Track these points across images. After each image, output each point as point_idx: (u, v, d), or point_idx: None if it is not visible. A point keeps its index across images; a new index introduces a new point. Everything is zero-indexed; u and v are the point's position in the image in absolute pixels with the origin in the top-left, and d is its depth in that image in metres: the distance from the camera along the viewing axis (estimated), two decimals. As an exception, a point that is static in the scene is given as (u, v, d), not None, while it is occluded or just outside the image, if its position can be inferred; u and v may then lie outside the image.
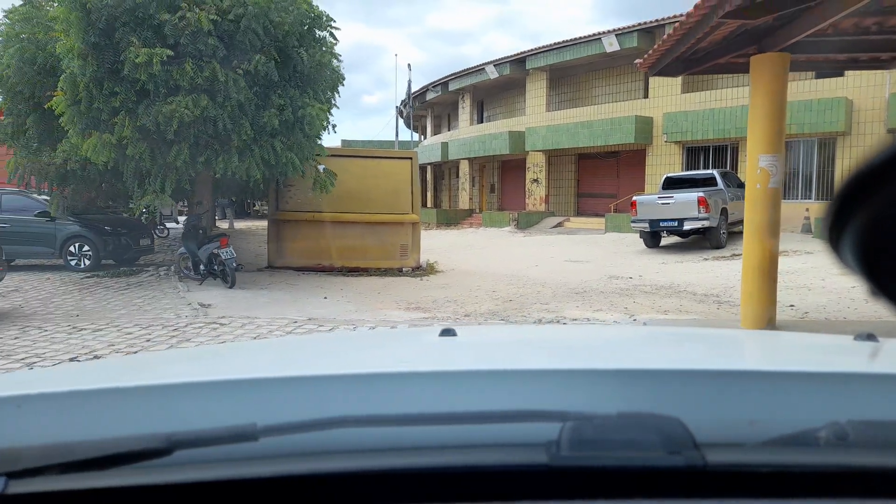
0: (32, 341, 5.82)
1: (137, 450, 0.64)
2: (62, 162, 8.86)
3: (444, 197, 34.16)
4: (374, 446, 0.68)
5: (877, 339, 1.13)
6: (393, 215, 11.98)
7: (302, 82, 9.16)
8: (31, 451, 0.66)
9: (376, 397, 0.80)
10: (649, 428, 0.66)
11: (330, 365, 1.16)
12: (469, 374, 0.87)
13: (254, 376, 0.86)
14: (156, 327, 6.49)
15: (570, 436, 0.64)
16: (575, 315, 7.26)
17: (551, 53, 23.31)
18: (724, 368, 0.92)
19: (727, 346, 1.41)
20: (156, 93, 7.94)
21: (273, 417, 0.69)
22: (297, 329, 6.50)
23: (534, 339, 1.57)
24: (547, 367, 0.94)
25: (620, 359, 1.16)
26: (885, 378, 0.88)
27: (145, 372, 1.16)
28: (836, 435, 0.68)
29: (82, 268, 11.31)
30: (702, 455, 0.62)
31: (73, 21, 7.57)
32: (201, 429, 0.67)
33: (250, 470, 0.63)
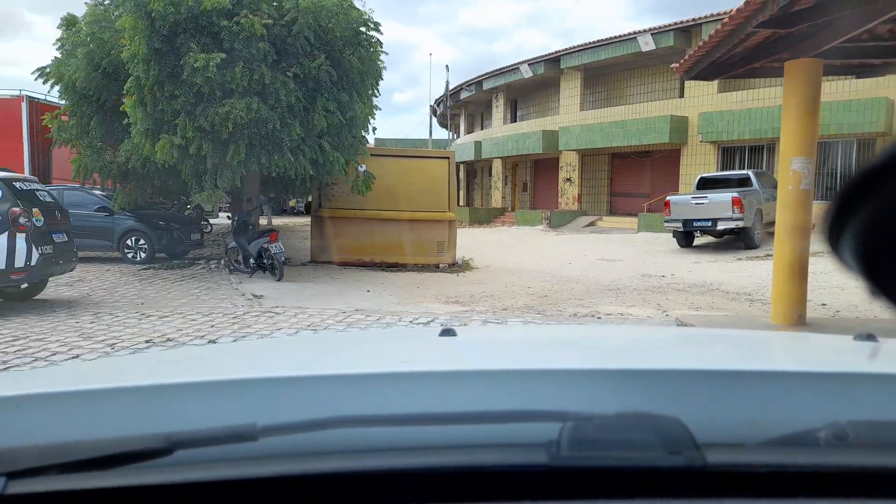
0: (107, 325, 6.35)
1: (137, 450, 0.64)
2: (124, 160, 9.44)
3: (476, 195, 34.46)
4: (374, 446, 0.68)
5: (877, 339, 1.14)
6: (430, 213, 12.36)
7: (348, 84, 9.59)
8: (30, 451, 0.66)
9: (376, 397, 0.80)
10: (649, 428, 0.66)
11: (329, 365, 1.17)
12: (469, 374, 0.88)
13: (253, 376, 0.87)
14: (216, 315, 6.98)
15: (570, 436, 0.65)
16: (609, 310, 7.53)
17: (586, 53, 23.42)
18: (725, 368, 0.92)
19: (728, 346, 1.43)
20: (212, 95, 8.46)
21: (273, 417, 0.70)
22: (347, 318, 6.92)
23: (533, 339, 1.60)
24: (546, 367, 0.94)
25: (620, 358, 1.17)
26: (886, 378, 0.87)
27: (145, 372, 1.17)
28: (837, 435, 0.68)
29: (138, 260, 11.95)
30: (702, 455, 0.62)
31: (138, 29, 8.12)
32: (201, 429, 0.67)
33: (250, 470, 0.63)
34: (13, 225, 6.62)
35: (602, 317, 7.15)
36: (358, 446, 0.68)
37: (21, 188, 7.05)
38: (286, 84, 8.63)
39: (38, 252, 6.85)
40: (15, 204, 6.70)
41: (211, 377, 0.89)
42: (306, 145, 9.22)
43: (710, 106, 19.54)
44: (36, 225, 6.89)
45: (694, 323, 6.43)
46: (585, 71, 24.35)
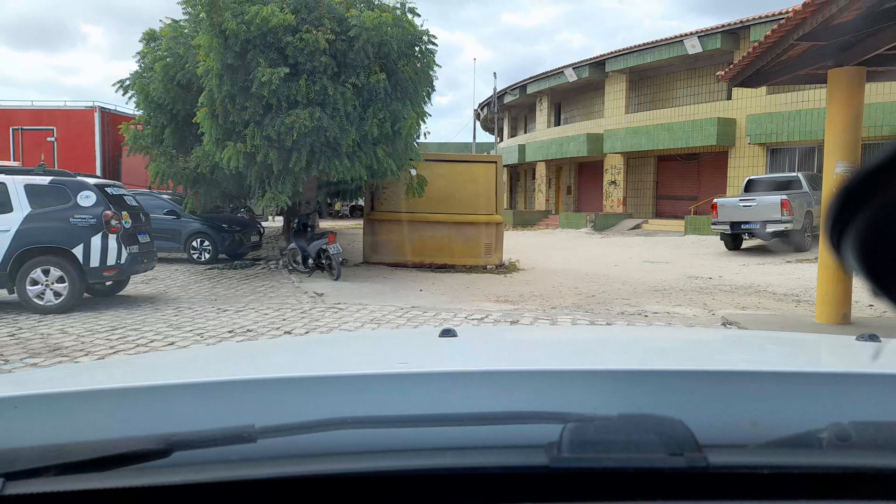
0: (190, 318, 6.98)
1: (136, 451, 0.64)
2: (195, 166, 10.15)
3: (519, 198, 34.70)
4: (374, 447, 0.68)
5: (879, 339, 1.14)
6: (478, 216, 12.78)
7: (402, 94, 10.10)
8: (28, 452, 0.66)
9: (375, 398, 0.80)
10: (651, 429, 0.66)
11: (329, 366, 1.17)
12: (469, 374, 0.87)
13: (252, 377, 0.87)
14: (286, 310, 7.55)
15: (571, 437, 0.64)
16: (655, 309, 7.80)
17: (631, 56, 23.49)
18: (727, 369, 0.92)
19: (730, 346, 1.43)
20: (278, 107, 9.07)
21: (272, 419, 0.70)
22: (405, 314, 7.39)
23: (534, 339, 1.59)
24: (547, 367, 0.93)
25: (621, 359, 1.16)
26: (888, 379, 0.87)
27: (143, 373, 1.17)
28: (839, 436, 0.68)
29: (202, 261, 12.72)
30: (704, 456, 0.62)
31: (213, 46, 8.79)
32: (200, 430, 0.68)
33: (249, 471, 0.63)
34: (106, 226, 7.32)
35: (649, 315, 7.43)
36: (357, 447, 0.68)
37: (111, 193, 7.76)
38: (345, 94, 9.18)
39: (126, 251, 7.54)
40: (107, 207, 7.40)
41: (210, 378, 0.89)
42: (362, 152, 9.75)
43: (759, 108, 19.40)
44: (125, 227, 7.59)
45: (739, 321, 6.65)
46: (631, 74, 24.39)
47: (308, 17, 9.21)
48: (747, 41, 19.29)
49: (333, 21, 9.24)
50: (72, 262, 7.23)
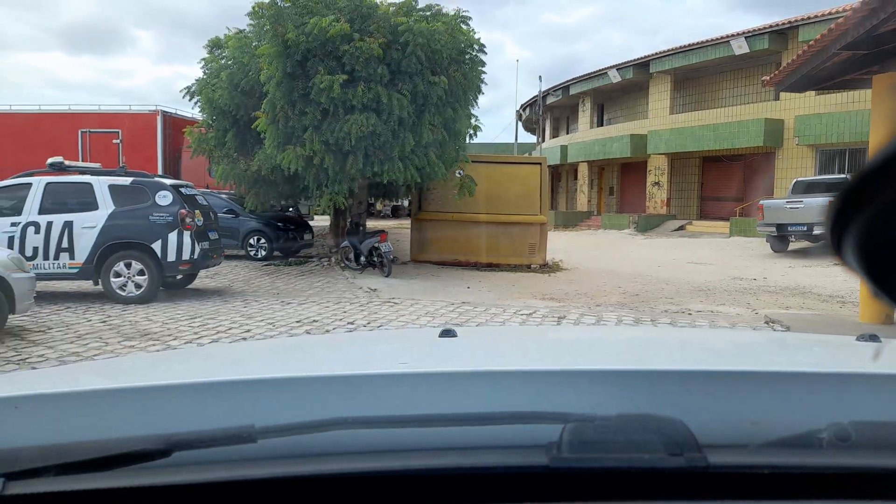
0: (259, 309, 7.53)
1: (136, 451, 0.65)
2: (256, 168, 10.77)
3: (560, 199, 34.78)
4: (374, 448, 0.68)
5: (879, 339, 1.14)
6: (523, 216, 13.09)
7: (452, 99, 10.51)
8: (29, 452, 0.66)
9: (375, 398, 0.80)
10: (651, 429, 0.66)
11: (329, 366, 1.18)
12: (469, 374, 0.88)
13: (252, 377, 0.88)
14: (345, 303, 8.04)
15: (571, 437, 0.65)
16: (699, 308, 8.01)
17: (676, 56, 23.41)
18: (726, 369, 0.92)
19: (730, 346, 1.43)
20: (335, 112, 9.59)
21: (271, 419, 0.70)
22: (457, 309, 7.79)
23: (534, 339, 1.60)
24: (547, 367, 0.94)
25: (622, 359, 1.17)
26: (888, 379, 0.87)
27: (144, 373, 1.17)
28: (839, 436, 0.68)
29: (259, 257, 13.38)
30: (704, 456, 0.62)
31: (274, 55, 9.36)
32: (200, 430, 0.68)
33: (249, 471, 0.64)
34: (181, 224, 7.93)
35: (692, 313, 7.65)
36: (357, 448, 0.68)
37: (185, 192, 8.38)
38: (400, 101, 9.63)
39: (199, 247, 8.15)
40: (182, 206, 8.02)
41: (210, 378, 0.90)
42: (414, 154, 10.20)
43: (808, 108, 19.16)
44: (197, 224, 8.20)
45: (782, 320, 6.84)
46: (676, 74, 24.30)
47: (363, 26, 9.70)
48: (796, 41, 19.09)
49: (386, 30, 9.70)
50: (151, 257, 7.86)
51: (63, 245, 7.76)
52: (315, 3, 9.72)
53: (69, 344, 5.65)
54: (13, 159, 16.27)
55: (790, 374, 0.89)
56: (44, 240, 7.74)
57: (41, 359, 5.16)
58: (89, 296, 8.22)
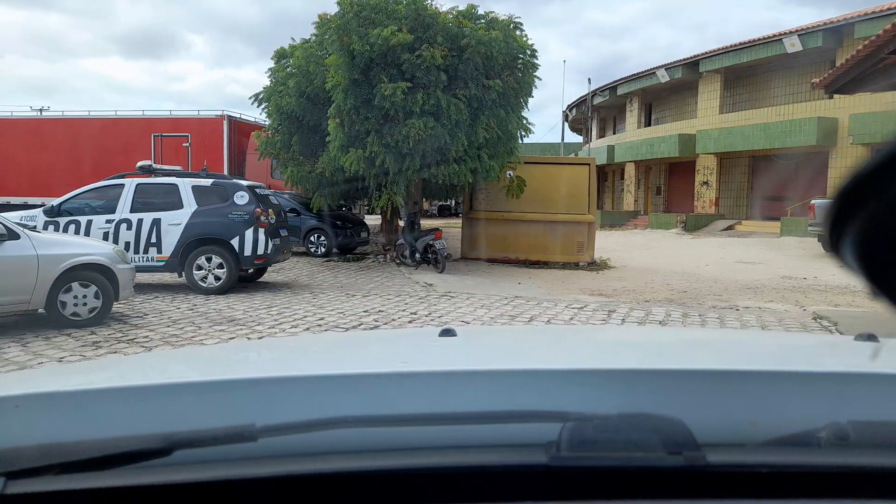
0: (328, 301, 8.14)
1: (136, 450, 0.65)
2: (321, 170, 11.44)
3: (606, 199, 34.74)
4: (374, 447, 0.69)
5: (877, 339, 1.15)
6: (571, 215, 13.43)
7: (505, 102, 10.96)
8: (29, 451, 0.67)
9: (375, 397, 0.81)
10: (650, 428, 0.67)
11: (329, 365, 1.18)
12: (468, 374, 0.88)
13: (253, 376, 0.89)
14: (405, 296, 8.59)
15: (570, 436, 0.65)
16: (747, 304, 8.25)
17: (727, 55, 23.26)
18: (725, 368, 0.93)
19: (729, 346, 1.45)
20: (396, 117, 10.16)
21: (272, 418, 0.71)
22: (511, 302, 8.24)
23: (534, 339, 1.60)
24: (547, 367, 0.94)
25: (621, 358, 1.17)
26: (886, 378, 0.88)
27: (145, 372, 1.18)
28: (837, 435, 0.69)
29: (319, 254, 14.08)
30: (703, 455, 0.63)
31: (341, 64, 9.99)
32: (200, 429, 0.68)
33: (249, 470, 0.64)
34: (257, 222, 8.61)
35: (740, 309, 7.90)
36: (357, 447, 0.69)
37: (259, 193, 9.07)
38: (457, 105, 10.14)
39: (271, 243, 8.82)
40: (257, 205, 8.70)
41: (210, 377, 0.91)
42: (468, 156, 10.70)
43: (863, 107, 18.83)
44: (270, 222, 8.87)
45: (830, 317, 7.04)
46: (726, 73, 24.11)
47: (424, 35, 10.25)
48: (851, 38, 18.79)
49: (447, 38, 10.22)
50: (229, 252, 8.57)
51: (152, 240, 8.54)
52: (378, 14, 10.31)
53: (167, 328, 6.34)
54: (91, 162, 17.52)
55: (789, 373, 0.89)
56: (135, 235, 8.53)
57: (145, 339, 5.85)
58: (172, 286, 8.98)
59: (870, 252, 0.52)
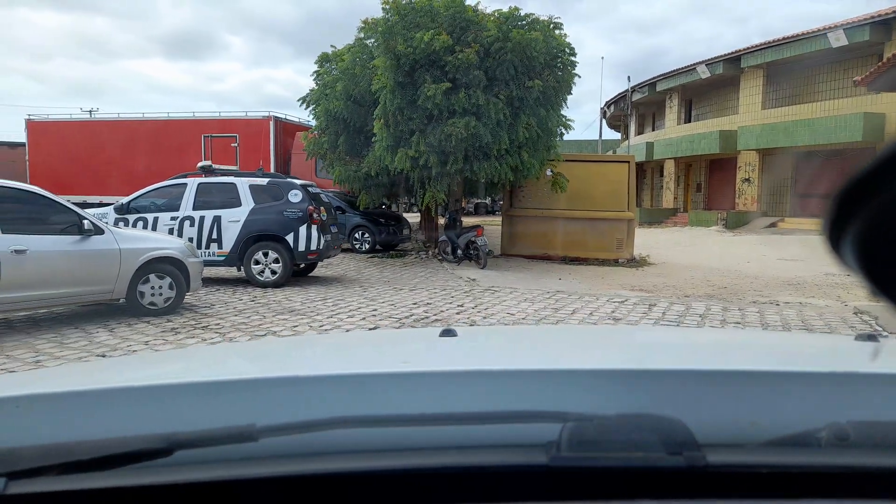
0: (377, 294, 8.55)
1: (137, 450, 0.65)
2: (366, 170, 11.88)
3: (645, 196, 34.49)
4: (374, 447, 0.69)
5: (878, 339, 1.15)
6: (610, 212, 13.60)
7: (545, 100, 11.22)
8: (30, 452, 0.67)
9: (376, 398, 0.81)
10: (650, 428, 0.67)
11: (329, 365, 1.18)
12: (469, 374, 0.88)
13: (253, 377, 0.90)
14: (450, 290, 8.95)
15: (570, 436, 0.66)
16: (787, 300, 8.35)
17: (769, 50, 22.96)
18: (725, 369, 0.93)
19: (729, 346, 1.45)
20: (439, 116, 10.52)
21: (272, 418, 0.71)
22: (553, 296, 8.52)
23: (534, 338, 1.60)
24: (547, 367, 0.94)
25: (621, 359, 1.18)
26: (886, 378, 0.89)
27: (145, 372, 1.19)
28: (837, 435, 0.69)
29: (363, 251, 14.56)
30: (703, 455, 0.63)
31: (387, 66, 10.39)
32: (201, 429, 0.69)
33: (250, 470, 0.65)
34: (310, 219, 9.08)
35: (780, 304, 8.02)
36: (358, 447, 0.69)
37: (311, 191, 9.54)
38: (496, 104, 10.45)
39: (323, 239, 9.28)
40: (310, 203, 9.17)
41: (211, 378, 0.91)
42: (509, 154, 11.00)
43: (912, 101, 18.43)
44: (322, 219, 9.33)
45: (871, 311, 7.13)
46: (768, 68, 23.79)
47: (462, 37, 10.59)
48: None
49: (485, 40, 10.54)
50: (285, 247, 9.05)
51: (213, 236, 9.08)
52: (421, 17, 10.68)
53: (234, 316, 6.83)
54: (145, 161, 18.38)
55: (789, 373, 0.90)
56: (197, 231, 9.08)
57: (217, 326, 6.33)
58: (233, 280, 9.52)
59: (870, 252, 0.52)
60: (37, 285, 5.69)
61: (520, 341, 1.53)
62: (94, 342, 5.60)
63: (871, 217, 0.49)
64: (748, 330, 6.14)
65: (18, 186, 5.95)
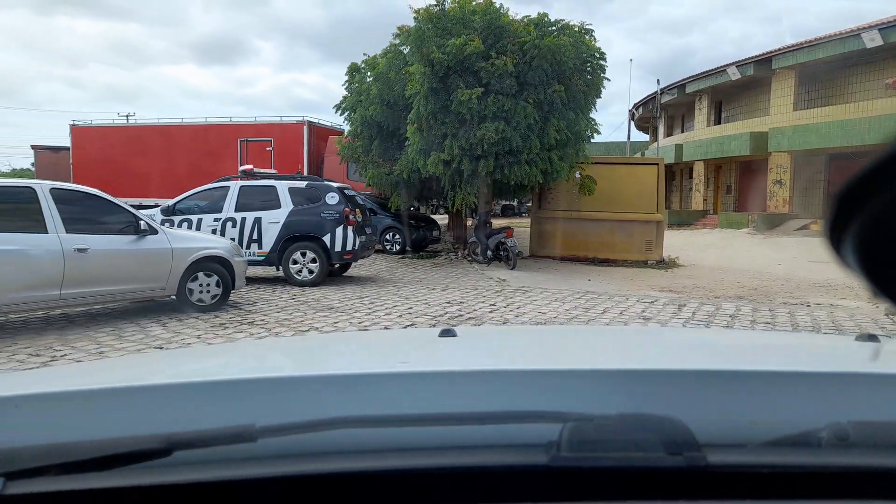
0: (411, 293, 8.82)
1: (136, 450, 0.65)
2: (399, 172, 12.18)
3: (674, 198, 34.25)
4: (374, 447, 0.69)
5: (878, 339, 1.15)
6: (640, 214, 13.69)
7: (574, 104, 11.40)
8: (29, 452, 0.67)
9: (375, 398, 0.81)
10: (650, 428, 0.67)
11: (329, 365, 1.20)
12: (469, 374, 0.89)
13: (252, 377, 0.90)
14: (481, 290, 9.17)
15: (571, 436, 0.66)
16: (819, 301, 8.40)
17: (801, 52, 22.71)
18: (726, 369, 0.93)
19: (730, 346, 1.45)
20: (471, 121, 10.77)
21: (272, 418, 0.71)
22: (583, 296, 8.68)
23: (534, 339, 1.61)
24: (547, 367, 0.94)
25: (621, 359, 1.18)
26: (886, 378, 0.89)
27: (145, 372, 1.20)
28: (837, 435, 0.69)
29: (393, 251, 14.86)
30: (703, 455, 0.63)
31: (422, 73, 10.68)
32: (200, 429, 0.69)
33: (249, 471, 0.65)
34: (346, 220, 9.39)
35: (811, 305, 8.08)
36: (358, 447, 0.69)
37: (347, 194, 9.86)
38: (525, 109, 10.66)
39: (358, 240, 9.59)
40: (346, 205, 9.49)
41: (210, 378, 0.93)
42: (539, 157, 11.19)
43: (950, 102, 18.10)
44: (358, 221, 9.64)
45: (903, 313, 7.15)
46: (800, 69, 23.53)
47: (496, 43, 10.82)
48: (937, 31, 18.10)
49: (516, 46, 10.76)
50: (322, 247, 9.38)
51: (254, 237, 9.45)
52: (454, 24, 10.95)
53: (277, 313, 7.15)
54: (183, 164, 18.98)
55: (789, 373, 0.90)
56: (238, 232, 9.46)
57: (262, 321, 6.66)
58: (271, 279, 9.89)
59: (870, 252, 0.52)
60: (97, 282, 6.08)
61: (520, 341, 1.54)
62: (150, 335, 5.96)
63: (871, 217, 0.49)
64: (749, 330, 6.18)
65: (80, 189, 6.35)
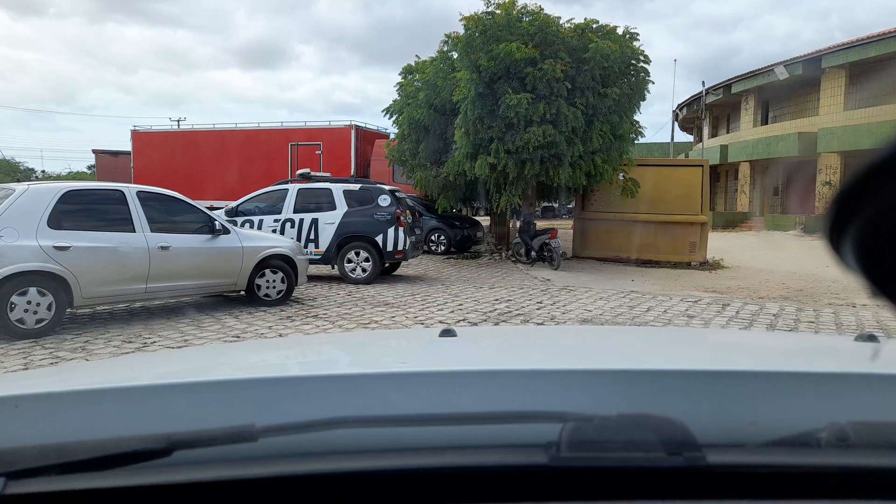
0: (459, 291, 9.21)
1: (136, 450, 0.65)
2: (445, 175, 12.60)
3: (719, 200, 33.82)
4: (374, 447, 0.69)
5: (878, 339, 1.15)
6: (684, 216, 13.78)
7: (618, 107, 11.62)
8: (29, 452, 0.67)
9: (376, 398, 0.82)
10: (650, 428, 0.67)
11: (329, 365, 1.22)
12: (469, 374, 0.89)
13: (252, 376, 0.91)
14: (527, 289, 9.50)
15: (570, 436, 0.66)
16: (865, 302, 8.45)
17: (852, 50, 22.30)
18: (725, 369, 0.94)
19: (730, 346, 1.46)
20: (517, 125, 11.10)
21: (272, 418, 0.71)
22: (627, 296, 8.93)
23: (534, 339, 1.61)
24: (547, 367, 0.94)
25: (621, 359, 1.19)
26: (886, 379, 0.89)
27: (145, 372, 1.21)
28: (837, 436, 0.69)
29: (438, 252, 15.29)
30: (703, 455, 0.63)
31: (469, 78, 11.08)
32: (200, 429, 0.69)
33: (249, 470, 0.65)
34: (397, 221, 9.85)
35: (857, 306, 8.15)
36: (358, 447, 0.69)
37: (398, 196, 10.33)
38: (574, 113, 10.95)
39: (409, 241, 10.03)
40: (398, 207, 9.94)
41: (210, 378, 0.93)
42: (583, 160, 11.46)
43: None
44: (408, 222, 10.08)
45: (951, 314, 7.18)
46: (851, 68, 23.08)
47: (547, 50, 11.14)
48: None
49: (568, 52, 11.06)
50: (374, 247, 9.86)
51: (311, 237, 10.00)
52: (502, 31, 11.31)
53: (337, 308, 7.64)
54: (237, 168, 19.83)
55: (789, 373, 0.90)
56: (297, 232, 10.01)
57: (325, 315, 7.14)
58: (328, 277, 10.42)
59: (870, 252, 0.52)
60: (177, 277, 6.65)
61: (519, 341, 1.55)
62: (225, 326, 6.49)
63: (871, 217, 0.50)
64: (749, 331, 6.25)
65: (162, 192, 6.94)
